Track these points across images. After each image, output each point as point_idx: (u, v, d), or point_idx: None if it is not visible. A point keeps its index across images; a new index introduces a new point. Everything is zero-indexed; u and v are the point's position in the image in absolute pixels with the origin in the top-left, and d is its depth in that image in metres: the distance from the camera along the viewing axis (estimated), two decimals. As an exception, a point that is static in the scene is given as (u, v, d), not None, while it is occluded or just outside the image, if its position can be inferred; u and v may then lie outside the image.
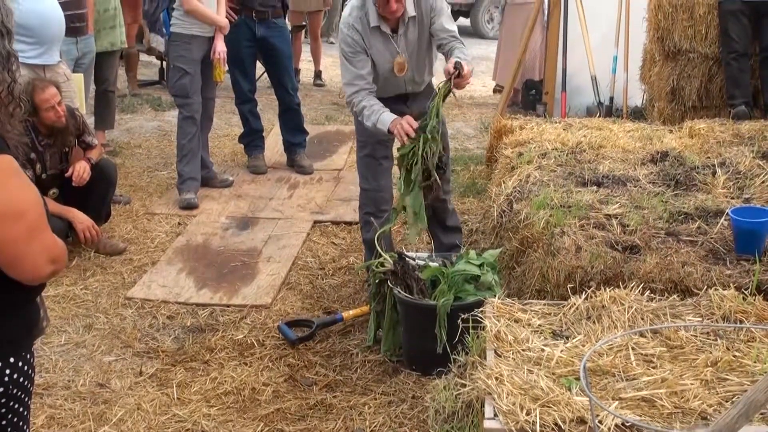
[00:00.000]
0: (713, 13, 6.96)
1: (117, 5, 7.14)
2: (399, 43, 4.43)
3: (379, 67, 4.46)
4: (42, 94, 5.02)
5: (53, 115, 5.07)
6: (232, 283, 5.07)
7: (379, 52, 4.43)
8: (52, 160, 5.23)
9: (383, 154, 4.72)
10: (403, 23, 4.40)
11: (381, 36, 4.41)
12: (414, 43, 4.46)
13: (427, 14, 4.43)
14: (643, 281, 3.48)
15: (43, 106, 5.02)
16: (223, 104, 8.28)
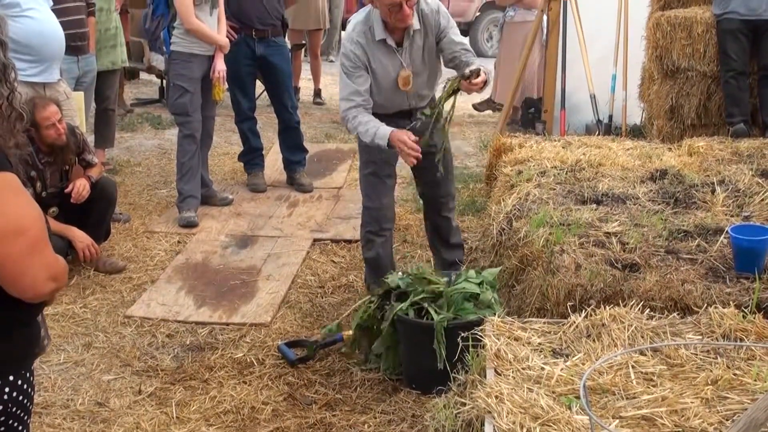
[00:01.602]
0: (711, 32, 6.99)
1: (118, 24, 7.18)
2: (404, 56, 4.44)
3: (382, 80, 4.46)
4: (43, 112, 5.03)
5: (54, 133, 5.08)
6: (232, 302, 5.06)
7: (383, 66, 4.44)
8: (52, 178, 5.23)
9: (387, 173, 4.73)
10: (408, 36, 4.41)
11: (386, 49, 4.42)
12: (419, 57, 4.48)
13: (432, 29, 4.46)
14: (643, 299, 3.48)
15: (44, 124, 5.03)
16: (223, 122, 8.30)
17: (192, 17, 6.02)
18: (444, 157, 4.65)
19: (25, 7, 5.46)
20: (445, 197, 4.93)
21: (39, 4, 5.57)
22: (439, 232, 5.02)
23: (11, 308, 2.09)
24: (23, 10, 5.44)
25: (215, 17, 6.22)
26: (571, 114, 8.09)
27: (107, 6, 6.98)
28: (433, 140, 4.48)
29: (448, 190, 4.92)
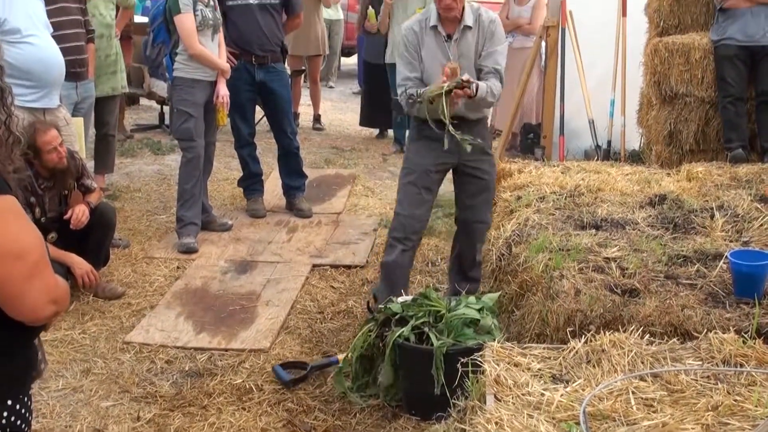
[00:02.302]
0: (709, 58, 7.03)
1: (118, 51, 7.21)
2: (452, 48, 4.60)
3: (430, 68, 4.61)
4: (44, 137, 5.05)
5: (56, 157, 5.10)
6: (231, 327, 5.05)
7: (431, 52, 4.62)
8: (51, 203, 5.24)
9: (425, 185, 4.79)
10: (459, 30, 4.58)
11: (436, 37, 4.61)
12: (468, 55, 4.62)
13: (484, 34, 4.60)
14: (643, 325, 3.47)
15: (45, 149, 5.05)
16: (223, 148, 8.32)
17: (195, 42, 6.06)
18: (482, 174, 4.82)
19: (26, 34, 5.48)
20: (478, 224, 4.94)
21: (39, 31, 5.60)
22: (461, 259, 5.02)
23: (10, 331, 2.09)
24: (24, 36, 5.47)
25: (216, 43, 6.26)
26: (570, 139, 8.12)
27: (107, 33, 7.03)
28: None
29: (482, 217, 4.93)
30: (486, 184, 4.87)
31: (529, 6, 8.96)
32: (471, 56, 4.65)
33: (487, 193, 4.90)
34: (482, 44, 4.64)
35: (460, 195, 4.95)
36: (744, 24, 6.90)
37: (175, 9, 6.06)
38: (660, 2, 7.40)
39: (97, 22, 6.89)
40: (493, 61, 4.65)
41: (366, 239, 6.49)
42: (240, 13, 6.62)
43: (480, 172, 4.81)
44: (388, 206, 7.34)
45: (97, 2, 6.96)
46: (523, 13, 8.95)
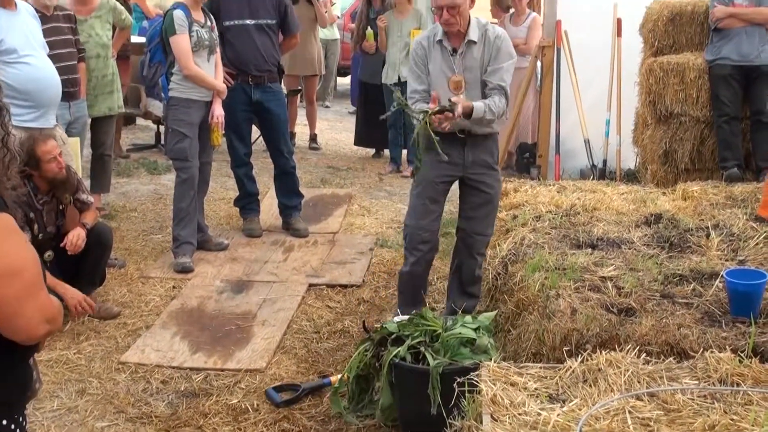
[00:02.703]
0: (704, 78, 7.07)
1: (114, 71, 7.22)
2: (457, 61, 4.69)
3: (436, 80, 4.73)
4: (44, 146, 5.06)
5: (56, 167, 5.11)
6: (227, 347, 5.04)
7: (438, 66, 4.73)
8: (49, 218, 5.22)
9: (431, 196, 4.86)
10: (463, 44, 4.68)
11: (442, 51, 4.71)
12: (473, 69, 4.70)
13: (489, 50, 4.68)
14: (639, 344, 3.47)
15: (45, 158, 5.06)
16: (219, 167, 8.33)
17: (190, 63, 6.08)
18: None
19: (22, 54, 5.50)
20: (477, 236, 4.94)
21: (36, 51, 5.62)
22: (460, 273, 5.01)
23: (4, 350, 2.08)
24: (20, 56, 5.49)
25: (213, 63, 6.27)
26: (566, 159, 8.14)
27: (104, 53, 7.03)
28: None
29: (482, 229, 4.93)
30: (489, 197, 4.89)
31: (524, 26, 9.01)
32: (476, 70, 4.71)
33: (489, 206, 4.91)
34: (487, 60, 4.70)
35: (463, 206, 5.00)
36: (738, 44, 6.95)
37: (171, 30, 6.08)
38: (655, 22, 7.45)
39: (93, 42, 6.91)
40: (498, 78, 4.69)
41: (362, 259, 6.49)
42: (236, 34, 6.65)
43: (484, 186, 4.85)
44: (384, 225, 7.34)
45: (93, 22, 6.97)
46: (519, 33, 8.98)
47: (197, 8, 6.19)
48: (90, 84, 6.88)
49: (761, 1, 7.03)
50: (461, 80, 4.68)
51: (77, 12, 6.80)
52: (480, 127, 4.74)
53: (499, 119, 4.75)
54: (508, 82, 4.72)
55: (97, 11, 7.02)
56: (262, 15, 6.72)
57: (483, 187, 4.86)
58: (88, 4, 6.97)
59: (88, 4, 6.97)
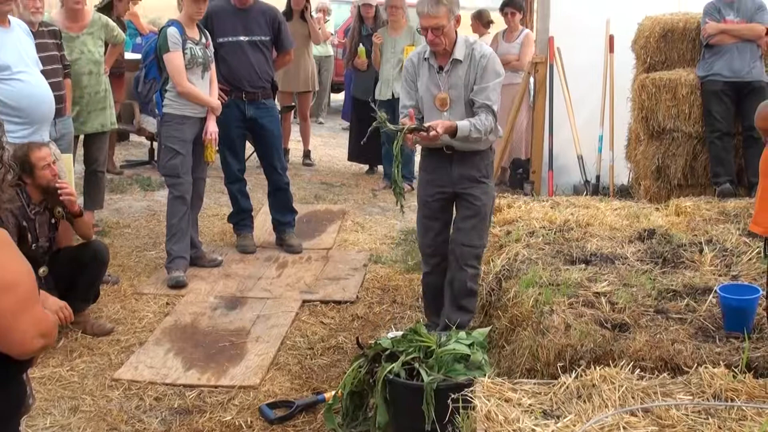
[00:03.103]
0: (696, 93, 7.10)
1: (107, 87, 7.21)
2: (443, 79, 4.77)
3: (424, 96, 4.86)
4: (38, 152, 5.08)
5: (49, 173, 5.11)
6: (220, 364, 5.03)
7: (425, 83, 4.84)
8: (41, 230, 5.21)
9: (429, 215, 5.04)
10: (449, 62, 4.76)
11: (429, 68, 4.81)
12: (458, 87, 4.77)
13: (475, 69, 4.74)
14: (633, 359, 3.47)
15: (39, 164, 5.07)
16: (213, 184, 8.32)
17: (184, 80, 6.09)
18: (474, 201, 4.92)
19: (16, 70, 5.50)
20: (464, 247, 4.93)
21: (29, 67, 5.62)
22: (452, 286, 5.02)
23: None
24: (14, 72, 5.49)
25: (207, 80, 6.28)
26: (559, 174, 8.17)
27: (96, 69, 7.01)
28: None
29: (468, 240, 4.93)
30: (477, 209, 4.90)
31: (517, 42, 9.05)
32: (460, 88, 4.77)
33: (477, 219, 4.92)
34: (473, 78, 4.75)
35: (456, 218, 5.06)
36: (730, 60, 6.99)
37: (164, 47, 6.10)
38: (647, 39, 7.49)
39: (85, 59, 6.90)
40: (484, 97, 4.73)
41: (356, 275, 6.49)
42: (230, 50, 6.66)
43: (472, 198, 4.89)
44: (378, 241, 7.34)
45: (85, 39, 6.97)
46: (512, 50, 9.03)
47: (192, 25, 6.21)
48: (83, 101, 6.88)
49: (752, 18, 7.07)
50: (446, 97, 4.77)
51: (69, 29, 6.81)
52: (466, 145, 4.78)
53: (487, 137, 4.77)
54: (494, 100, 4.76)
55: (88, 28, 7.01)
56: (256, 32, 6.74)
57: (471, 199, 4.90)
58: (79, 20, 6.96)
59: (80, 20, 6.97)
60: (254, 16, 6.74)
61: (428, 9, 4.61)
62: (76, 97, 6.82)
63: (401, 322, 5.51)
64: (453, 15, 4.69)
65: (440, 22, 4.63)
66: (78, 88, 6.79)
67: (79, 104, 6.84)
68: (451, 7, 4.66)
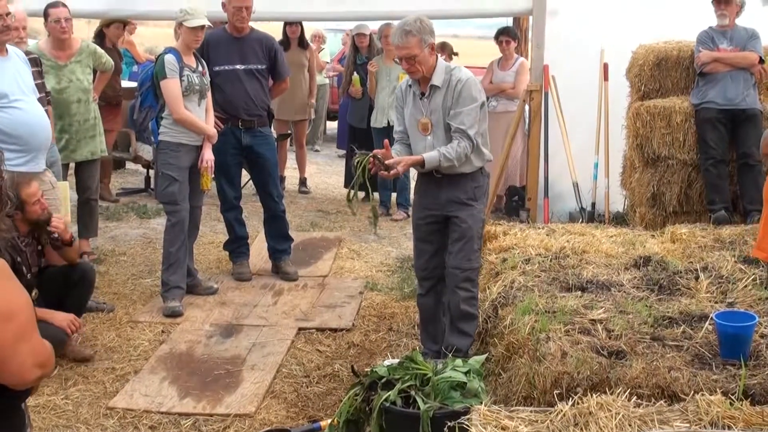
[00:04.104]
0: (690, 121, 7.14)
1: (96, 114, 7.18)
2: (424, 105, 4.90)
3: (408, 122, 5.01)
4: (28, 188, 5.09)
5: (39, 209, 5.12)
6: (216, 392, 5.01)
7: (410, 109, 4.99)
8: (32, 259, 5.22)
9: (421, 238, 5.14)
10: (429, 88, 4.88)
11: (414, 95, 4.97)
12: (438, 112, 4.88)
13: (452, 95, 4.84)
14: (630, 387, 3.47)
15: (30, 200, 5.07)
16: (209, 211, 8.32)
17: (181, 107, 6.11)
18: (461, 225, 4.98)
19: (13, 98, 5.52)
20: (454, 269, 4.94)
21: (26, 95, 5.64)
22: (449, 310, 5.03)
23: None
24: (11, 101, 5.51)
25: (203, 108, 6.30)
26: (555, 202, 8.18)
27: (85, 97, 6.99)
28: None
29: (458, 263, 4.93)
30: (463, 231, 4.92)
31: (512, 71, 9.10)
32: (438, 113, 4.87)
33: (464, 241, 4.92)
34: (450, 103, 4.85)
35: (448, 242, 5.06)
36: (723, 88, 7.04)
37: (161, 74, 6.12)
38: (641, 67, 7.54)
39: (74, 87, 6.88)
40: (458, 122, 4.81)
41: (352, 302, 6.48)
42: (226, 79, 6.69)
43: (458, 220, 4.93)
44: (374, 269, 7.34)
45: (73, 67, 6.95)
46: (507, 78, 9.09)
47: (189, 53, 6.24)
48: (72, 129, 6.85)
49: (745, 46, 7.13)
50: (428, 122, 4.91)
51: (57, 58, 6.82)
52: (451, 168, 4.85)
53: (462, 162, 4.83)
54: (468, 124, 4.80)
55: (76, 56, 6.99)
56: (252, 60, 6.77)
57: (457, 221, 4.94)
58: (66, 49, 6.95)
59: (67, 49, 6.95)
60: (250, 45, 6.77)
61: (398, 40, 4.80)
62: (65, 125, 6.82)
63: (397, 349, 5.49)
64: (426, 43, 4.77)
65: (411, 51, 4.75)
66: (67, 116, 6.77)
67: (68, 132, 6.83)
68: (423, 36, 4.75)
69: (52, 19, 6.77)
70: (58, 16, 6.76)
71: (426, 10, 5.73)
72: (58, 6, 6.79)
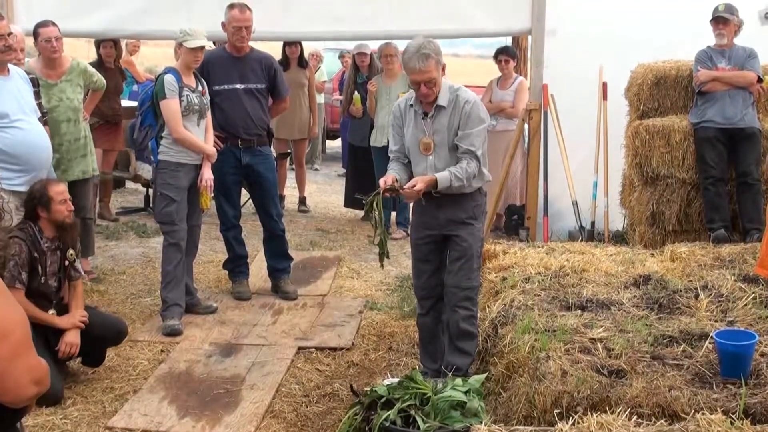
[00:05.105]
0: (689, 140, 7.15)
1: (87, 134, 7.14)
2: (428, 125, 4.88)
3: (409, 142, 4.97)
4: (56, 187, 5.18)
5: (65, 210, 5.16)
6: (215, 411, 4.99)
7: (411, 129, 4.95)
8: (51, 267, 5.19)
9: (420, 258, 5.13)
10: (433, 108, 4.86)
11: (415, 115, 4.94)
12: (442, 132, 4.87)
13: (458, 115, 4.83)
14: (630, 406, 3.46)
15: (57, 198, 5.13)
16: (208, 230, 8.33)
17: (180, 127, 6.12)
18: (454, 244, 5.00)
19: (14, 118, 5.53)
20: (453, 288, 4.95)
21: (27, 115, 5.65)
22: (449, 329, 5.03)
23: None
24: (12, 121, 5.52)
25: (203, 127, 6.31)
26: (554, 220, 8.18)
27: (75, 116, 6.93)
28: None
29: (457, 282, 4.93)
30: (463, 250, 4.92)
31: (511, 90, 9.12)
32: (443, 133, 4.87)
33: (464, 260, 4.93)
34: (457, 124, 4.84)
35: (447, 260, 5.08)
36: (722, 107, 7.06)
37: (161, 94, 6.14)
38: (639, 86, 7.56)
39: (64, 106, 6.84)
40: (468, 143, 4.81)
41: (351, 321, 6.47)
42: (226, 98, 6.70)
43: (458, 239, 4.93)
44: (373, 288, 7.33)
45: (63, 86, 6.92)
46: (506, 97, 9.11)
47: (188, 73, 6.26)
48: (62, 148, 6.77)
49: (744, 65, 7.15)
50: (431, 142, 4.88)
51: (47, 76, 6.79)
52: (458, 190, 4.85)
53: (470, 183, 4.84)
54: (477, 146, 4.83)
55: (67, 75, 6.96)
56: (252, 79, 6.79)
57: (457, 240, 4.94)
58: (57, 68, 6.91)
59: (58, 68, 6.92)
60: (250, 64, 6.79)
61: (420, 64, 4.71)
62: (55, 144, 6.81)
63: (397, 369, 5.48)
64: (440, 65, 4.78)
65: (432, 75, 4.73)
66: (57, 136, 6.73)
67: (59, 152, 6.80)
68: (438, 58, 4.77)
69: (43, 38, 6.76)
70: (48, 35, 6.75)
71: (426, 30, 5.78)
72: (48, 25, 6.77)
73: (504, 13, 7.86)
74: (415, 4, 7.77)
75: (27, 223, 5.12)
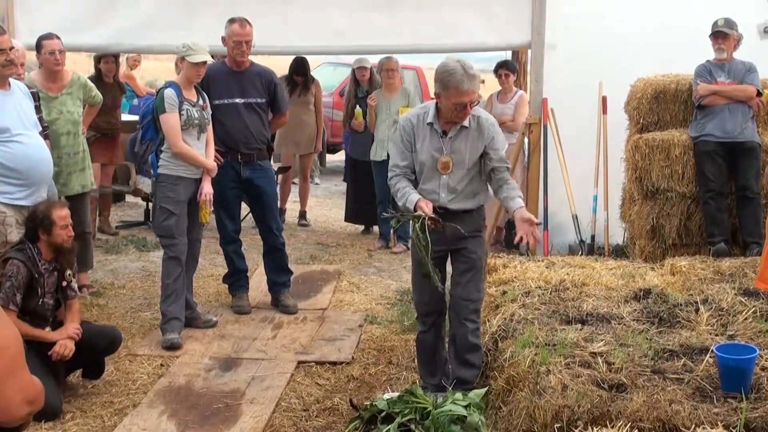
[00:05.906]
0: (689, 154, 7.16)
1: (85, 147, 7.14)
2: (446, 144, 4.83)
3: (425, 160, 4.87)
4: (60, 211, 5.15)
5: (65, 234, 5.15)
6: (215, 426, 4.97)
7: (426, 146, 4.85)
8: (49, 288, 5.19)
9: (423, 272, 4.92)
10: (455, 128, 4.81)
11: (432, 132, 4.85)
12: (461, 152, 4.84)
13: (484, 136, 4.84)
14: (631, 420, 3.45)
15: (60, 223, 5.12)
16: (208, 244, 8.32)
17: (179, 141, 6.13)
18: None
19: (15, 132, 5.54)
20: (463, 301, 4.93)
21: (28, 130, 5.66)
22: (455, 342, 5.01)
23: None
24: (12, 135, 5.53)
25: (203, 141, 6.32)
26: (554, 234, 8.18)
27: (74, 130, 6.94)
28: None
29: (467, 294, 4.93)
30: (472, 262, 4.91)
31: (511, 103, 9.14)
32: (463, 153, 4.83)
33: (474, 272, 4.92)
34: (482, 144, 4.84)
35: (453, 273, 5.06)
36: (722, 121, 7.07)
37: (161, 108, 6.15)
38: (639, 100, 7.58)
39: (64, 119, 6.85)
40: (499, 158, 4.88)
41: (352, 335, 6.46)
42: (226, 112, 6.71)
43: (466, 251, 4.92)
44: (373, 302, 7.32)
45: (64, 99, 6.93)
46: (506, 111, 9.12)
47: (189, 87, 6.27)
48: (61, 161, 6.76)
49: (743, 79, 7.16)
50: (449, 161, 4.82)
51: (48, 90, 6.80)
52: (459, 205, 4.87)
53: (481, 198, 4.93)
54: (507, 161, 4.97)
55: (67, 88, 6.97)
56: (252, 94, 6.80)
57: (465, 252, 4.93)
58: (58, 81, 6.93)
59: (59, 81, 6.94)
60: (250, 79, 6.81)
61: (471, 86, 4.67)
62: (54, 157, 6.80)
63: (397, 383, 5.46)
64: None
65: (478, 95, 4.81)
66: (57, 149, 6.71)
67: (58, 165, 6.80)
68: None
69: (46, 50, 6.78)
70: (52, 48, 6.77)
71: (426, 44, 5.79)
72: (51, 38, 6.80)
73: (504, 27, 7.89)
74: (415, 18, 7.79)
75: (26, 244, 5.12)
